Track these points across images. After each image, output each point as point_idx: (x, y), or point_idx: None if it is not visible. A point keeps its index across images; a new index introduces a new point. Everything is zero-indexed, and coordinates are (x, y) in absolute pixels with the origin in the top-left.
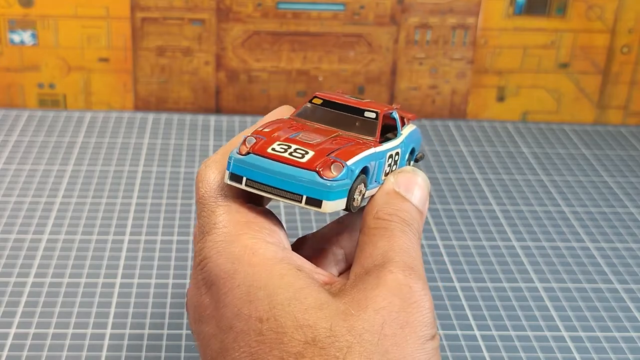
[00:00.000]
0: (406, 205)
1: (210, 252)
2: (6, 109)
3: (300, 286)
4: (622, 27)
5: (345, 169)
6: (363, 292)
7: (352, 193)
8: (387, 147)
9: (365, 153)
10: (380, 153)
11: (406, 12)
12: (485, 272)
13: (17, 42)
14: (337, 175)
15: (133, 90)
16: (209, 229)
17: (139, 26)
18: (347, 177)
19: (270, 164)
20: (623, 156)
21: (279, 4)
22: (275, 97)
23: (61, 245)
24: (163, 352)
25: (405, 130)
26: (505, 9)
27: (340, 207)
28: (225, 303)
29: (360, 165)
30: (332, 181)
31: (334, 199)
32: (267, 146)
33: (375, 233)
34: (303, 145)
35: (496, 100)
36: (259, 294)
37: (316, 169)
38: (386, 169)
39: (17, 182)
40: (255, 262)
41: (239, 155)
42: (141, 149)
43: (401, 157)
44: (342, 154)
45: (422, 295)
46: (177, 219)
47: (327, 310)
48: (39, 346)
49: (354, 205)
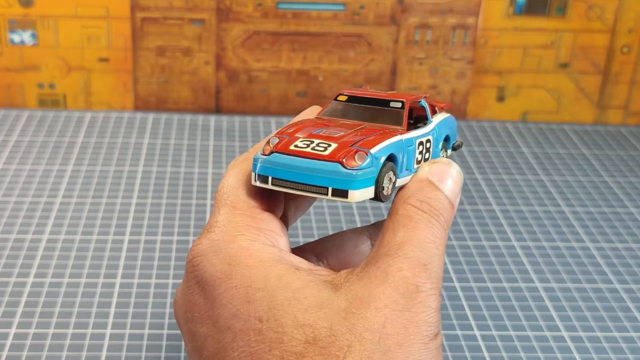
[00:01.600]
0: (438, 195)
1: (206, 251)
2: (6, 109)
3: (299, 286)
4: (622, 27)
5: (369, 157)
6: (367, 287)
7: (381, 181)
8: (415, 134)
9: (391, 141)
10: (408, 140)
11: (406, 12)
12: (485, 272)
13: (17, 42)
14: (361, 164)
15: (133, 90)
16: (208, 227)
17: (139, 26)
18: (373, 165)
19: (293, 160)
20: (623, 156)
21: (279, 4)
22: (275, 97)
23: (61, 245)
24: (163, 352)
25: (437, 118)
26: (505, 9)
27: (368, 196)
28: (222, 303)
29: (385, 152)
30: (356, 170)
31: (359, 187)
32: (289, 144)
33: (399, 220)
34: (326, 139)
35: (496, 100)
36: (257, 294)
37: (339, 159)
38: (418, 157)
39: (17, 182)
40: (252, 264)
41: (262, 155)
42: (141, 149)
43: (434, 145)
44: (366, 143)
45: (429, 295)
46: (177, 219)
47: (328, 309)
48: (39, 346)
49: (384, 194)
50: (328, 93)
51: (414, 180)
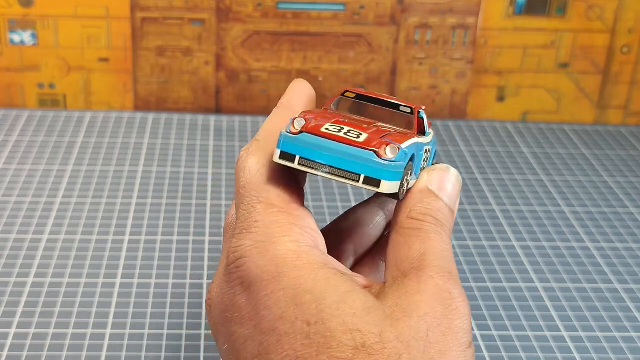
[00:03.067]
0: (439, 204)
1: (250, 252)
2: (6, 109)
3: (347, 290)
4: (622, 27)
5: (400, 151)
6: (405, 297)
7: (403, 178)
8: (424, 140)
9: (413, 140)
10: (420, 145)
11: (406, 12)
12: (485, 272)
13: (17, 42)
14: (393, 157)
15: (133, 90)
16: (247, 226)
17: (139, 26)
18: (402, 160)
19: (326, 142)
20: (623, 156)
21: (279, 4)
22: (275, 97)
23: (61, 245)
24: (163, 352)
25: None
26: (505, 9)
27: (394, 190)
28: (267, 305)
29: (411, 150)
30: (389, 161)
31: (391, 179)
32: (320, 126)
33: (409, 234)
34: (355, 127)
35: (496, 100)
36: (305, 297)
37: (374, 149)
38: (422, 164)
39: (17, 182)
40: (301, 266)
41: (290, 134)
42: (141, 149)
43: (430, 156)
44: (395, 137)
45: (462, 302)
46: (177, 219)
47: (375, 315)
48: (39, 346)
49: (402, 192)
50: (328, 93)
51: (414, 190)
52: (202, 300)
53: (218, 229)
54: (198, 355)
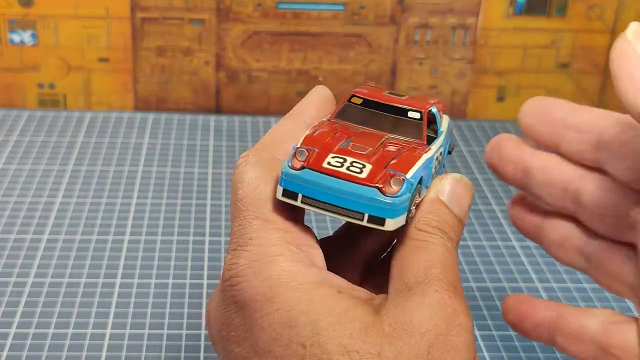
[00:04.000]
0: (449, 216)
1: (244, 272)
2: (6, 109)
3: (343, 309)
4: (622, 27)
5: (405, 183)
6: (408, 312)
7: (411, 203)
8: (434, 150)
9: (421, 162)
10: (430, 158)
11: (406, 12)
12: (485, 272)
13: (17, 42)
14: (397, 191)
15: (133, 90)
16: (243, 243)
17: (139, 26)
18: (408, 191)
19: (328, 181)
20: None
21: (279, 4)
22: (275, 97)
23: (61, 245)
24: (163, 352)
25: (444, 124)
26: (505, 9)
27: (401, 224)
28: (262, 326)
29: (418, 176)
30: (394, 197)
31: (396, 216)
32: (322, 160)
33: (416, 245)
34: (358, 157)
35: (496, 100)
36: (300, 319)
37: (377, 185)
38: (432, 172)
39: (17, 182)
40: (295, 287)
41: (292, 170)
42: (141, 149)
43: (443, 156)
44: (400, 165)
45: (465, 316)
46: (177, 219)
47: (373, 334)
48: (39, 346)
49: (409, 216)
50: None
51: (425, 200)
52: (202, 300)
53: (218, 229)
54: (198, 355)
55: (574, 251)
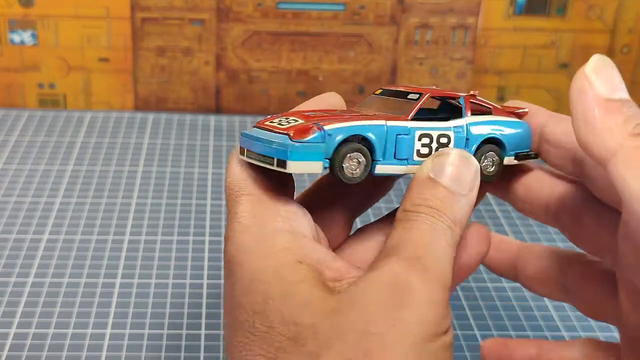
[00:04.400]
0: (436, 190)
1: (227, 242)
2: (6, 109)
3: (294, 280)
4: (622, 27)
5: (318, 132)
6: (358, 288)
7: (339, 160)
8: (417, 124)
9: (359, 122)
10: (398, 128)
11: (406, 12)
12: (485, 272)
13: (17, 42)
14: (305, 137)
15: (133, 90)
16: (230, 219)
17: (139, 26)
18: (321, 141)
19: (258, 133)
20: None
21: (279, 4)
22: (275, 97)
23: (61, 245)
24: (163, 352)
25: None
26: (505, 9)
27: (311, 170)
28: (233, 293)
29: (343, 132)
30: (297, 142)
31: (297, 159)
32: (268, 120)
33: (399, 226)
34: (302, 118)
35: (496, 100)
36: (256, 287)
37: (288, 133)
38: (421, 150)
39: (17, 182)
40: (259, 254)
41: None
42: (141, 149)
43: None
44: (328, 121)
45: (421, 290)
46: (177, 219)
47: (315, 307)
48: (39, 346)
49: (345, 173)
50: None
51: (413, 180)
52: (202, 300)
53: (218, 229)
54: (198, 355)
55: (552, 284)
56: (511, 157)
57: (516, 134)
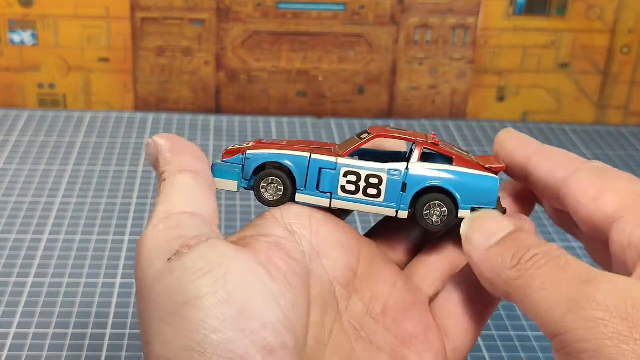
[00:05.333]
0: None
1: None
2: (6, 109)
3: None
4: (622, 27)
5: (238, 155)
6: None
7: (256, 183)
8: (345, 161)
9: (282, 151)
10: (322, 162)
11: (406, 12)
12: None
13: (17, 42)
14: (227, 158)
15: (133, 90)
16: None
17: (139, 26)
18: (241, 163)
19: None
20: (623, 156)
21: (279, 4)
22: (275, 97)
23: (61, 245)
24: None
25: (428, 164)
26: (505, 9)
27: (228, 187)
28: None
29: (261, 157)
30: (221, 161)
31: (218, 176)
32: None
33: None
34: (258, 144)
35: (496, 100)
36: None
37: (223, 154)
38: (347, 187)
39: (17, 182)
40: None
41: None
42: (141, 149)
43: (388, 185)
44: (263, 148)
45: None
46: None
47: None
48: (39, 346)
49: (263, 196)
50: (328, 93)
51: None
52: None
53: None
54: None
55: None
56: (467, 210)
57: (475, 187)
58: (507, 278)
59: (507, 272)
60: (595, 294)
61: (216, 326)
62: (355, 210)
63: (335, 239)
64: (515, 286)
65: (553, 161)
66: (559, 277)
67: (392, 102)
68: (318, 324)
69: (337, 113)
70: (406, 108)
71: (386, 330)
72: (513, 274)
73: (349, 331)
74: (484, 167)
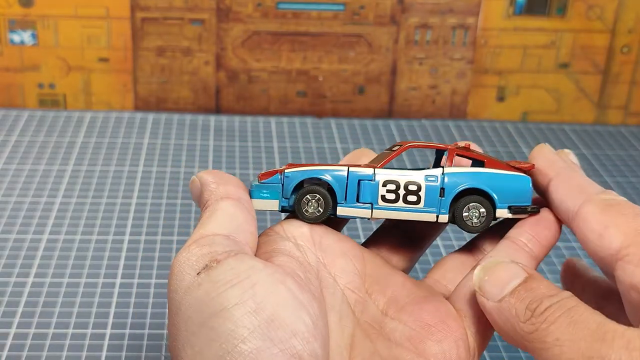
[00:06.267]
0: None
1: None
2: (6, 109)
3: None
4: (622, 27)
5: (276, 175)
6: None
7: (297, 200)
8: (383, 172)
9: (317, 168)
10: (359, 174)
11: (406, 12)
12: None
13: (17, 42)
14: (264, 179)
15: (133, 90)
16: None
17: (139, 26)
18: (280, 182)
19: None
20: (623, 156)
21: (279, 4)
22: (275, 97)
23: (61, 245)
24: (163, 352)
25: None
26: (505, 9)
27: (269, 207)
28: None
29: (301, 175)
30: (258, 183)
31: (256, 197)
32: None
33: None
34: (293, 165)
35: (496, 100)
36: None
37: (258, 176)
38: (387, 196)
39: (17, 182)
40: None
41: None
42: (141, 149)
43: (427, 192)
44: (300, 167)
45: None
46: (177, 219)
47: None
48: (39, 346)
49: (304, 213)
50: (328, 93)
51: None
52: None
53: None
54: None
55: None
56: (504, 209)
57: (509, 186)
58: (522, 332)
59: (521, 325)
60: (610, 354)
61: (246, 336)
62: (396, 218)
63: (339, 248)
64: (530, 339)
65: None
66: (574, 333)
67: (392, 102)
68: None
69: (337, 113)
70: (406, 108)
71: (404, 325)
72: (527, 328)
73: (369, 332)
74: (514, 167)
